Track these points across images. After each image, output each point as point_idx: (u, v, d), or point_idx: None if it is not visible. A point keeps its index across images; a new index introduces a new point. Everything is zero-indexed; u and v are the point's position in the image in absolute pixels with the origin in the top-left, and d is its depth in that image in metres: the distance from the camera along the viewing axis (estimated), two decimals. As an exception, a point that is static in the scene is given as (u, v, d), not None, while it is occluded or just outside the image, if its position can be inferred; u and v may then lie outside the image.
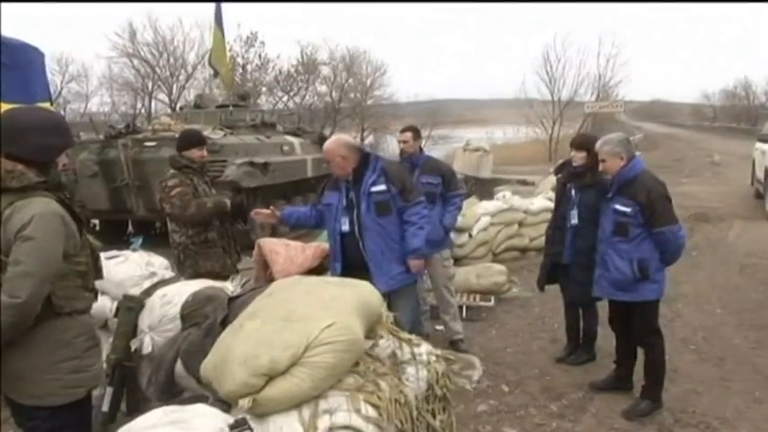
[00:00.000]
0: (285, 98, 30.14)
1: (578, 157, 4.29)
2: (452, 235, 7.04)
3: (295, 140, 10.83)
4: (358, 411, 1.69)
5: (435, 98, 45.71)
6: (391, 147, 36.60)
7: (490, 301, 5.86)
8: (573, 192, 4.28)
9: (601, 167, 3.83)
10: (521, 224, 8.08)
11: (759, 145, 12.11)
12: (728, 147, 25.21)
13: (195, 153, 4.16)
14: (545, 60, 30.49)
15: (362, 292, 2.07)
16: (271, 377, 1.69)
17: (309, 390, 1.71)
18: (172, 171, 4.09)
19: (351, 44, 47.05)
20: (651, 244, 3.61)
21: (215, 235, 4.19)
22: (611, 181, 3.76)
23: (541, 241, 8.16)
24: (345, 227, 3.92)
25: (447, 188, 4.77)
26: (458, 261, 7.13)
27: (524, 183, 13.81)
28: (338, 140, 3.96)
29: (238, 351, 1.75)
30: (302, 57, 29.97)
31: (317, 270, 5.16)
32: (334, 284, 2.18)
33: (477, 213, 7.60)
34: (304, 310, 1.87)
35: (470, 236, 7.38)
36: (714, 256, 8.00)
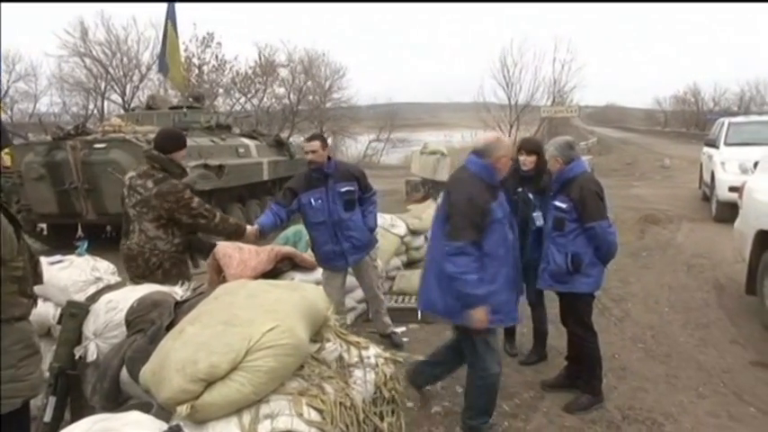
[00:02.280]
0: (243, 100, 29.78)
1: (528, 161, 4.37)
2: (408, 238, 7.13)
3: (251, 143, 10.71)
4: (300, 415, 1.67)
5: (394, 101, 45.81)
6: (350, 150, 36.71)
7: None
8: (530, 195, 4.35)
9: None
10: (476, 226, 8.15)
11: (706, 149, 12.53)
12: (679, 151, 26.01)
13: (180, 155, 4.01)
14: (502, 65, 30.87)
15: (308, 296, 2.05)
16: (210, 382, 1.66)
17: (250, 394, 1.68)
18: (175, 181, 3.85)
19: (309, 46, 46.81)
20: (585, 239, 3.75)
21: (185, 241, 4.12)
22: (554, 181, 3.95)
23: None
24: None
25: (363, 190, 4.82)
26: (414, 263, 7.18)
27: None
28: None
29: (177, 357, 1.71)
30: (260, 58, 29.69)
31: (272, 273, 5.13)
32: (280, 288, 2.15)
33: (432, 216, 7.64)
34: (247, 313, 1.84)
35: (426, 238, 7.41)
36: (663, 256, 8.21)
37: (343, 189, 4.65)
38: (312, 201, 4.57)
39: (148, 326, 2.72)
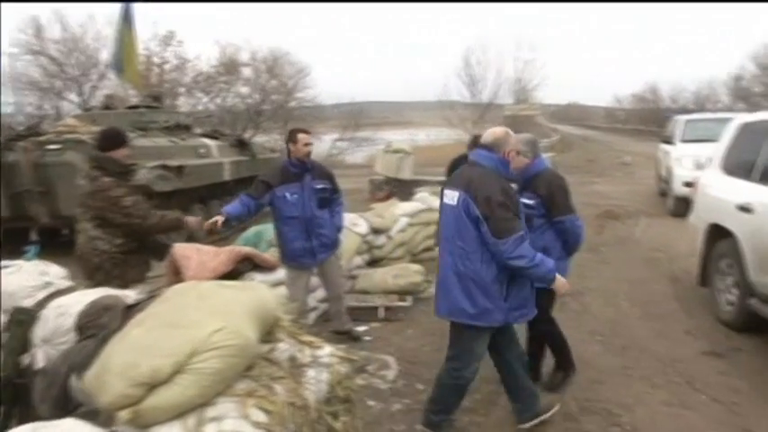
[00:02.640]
0: (205, 99, 29.37)
1: None
2: (370, 237, 7.13)
3: (212, 143, 10.57)
4: (247, 417, 1.65)
5: (358, 100, 45.67)
6: (315, 149, 36.39)
7: (407, 300, 5.90)
8: None
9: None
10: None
11: (662, 146, 12.83)
12: (638, 148, 26.54)
13: (119, 153, 3.95)
14: (466, 63, 31.15)
15: (259, 296, 2.03)
16: (153, 386, 1.63)
17: (194, 397, 1.66)
18: (107, 179, 3.79)
19: (273, 45, 46.45)
20: (553, 234, 3.81)
21: (138, 243, 4.04)
22: (518, 178, 3.90)
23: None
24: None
25: (333, 191, 4.95)
26: (377, 262, 7.18)
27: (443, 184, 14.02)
28: None
29: (118, 360, 1.67)
30: (222, 57, 29.32)
31: (232, 274, 5.07)
32: (231, 289, 2.12)
33: (395, 214, 7.66)
34: (194, 315, 1.81)
35: (389, 237, 7.42)
36: (621, 251, 8.38)
37: (320, 186, 4.74)
38: (287, 195, 4.60)
39: (99, 331, 2.66)
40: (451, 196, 3.21)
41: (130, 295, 3.14)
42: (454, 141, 32.65)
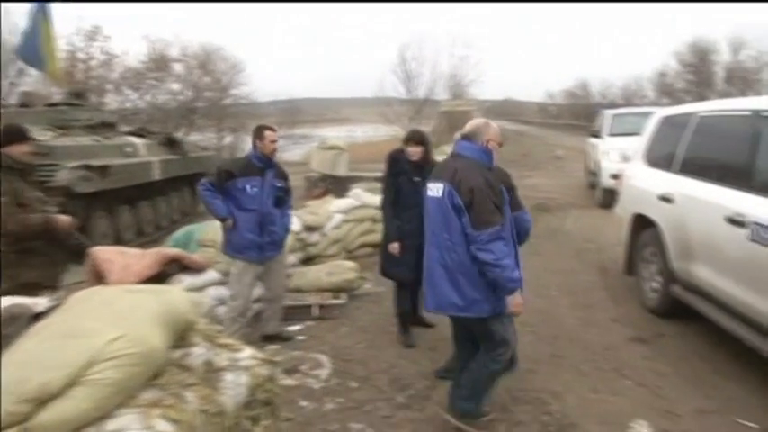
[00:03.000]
0: (134, 97, 28.37)
1: (417, 152, 4.63)
2: (304, 234, 7.03)
3: (139, 141, 10.17)
4: (151, 428, 1.55)
5: (295, 97, 45.14)
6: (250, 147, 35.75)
7: (341, 298, 5.84)
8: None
9: None
10: (373, 220, 8.16)
11: (590, 140, 13.21)
12: (570, 142, 27.24)
13: (16, 150, 3.72)
14: (401, 59, 31.25)
15: (169, 299, 1.92)
16: (44, 401, 1.51)
17: (90, 410, 1.54)
18: None
19: (204, 40, 45.30)
20: None
21: (39, 243, 3.81)
22: None
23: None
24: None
25: (287, 192, 5.02)
26: (311, 260, 7.09)
27: (380, 179, 14.00)
28: None
29: (7, 376, 1.54)
30: (152, 53, 28.39)
31: (158, 278, 4.88)
32: (139, 293, 2.01)
33: (329, 211, 7.59)
34: (93, 323, 1.69)
35: (323, 234, 7.34)
36: (552, 243, 8.56)
37: (279, 185, 4.83)
38: (248, 187, 4.64)
39: (5, 341, 2.49)
40: (436, 188, 3.20)
41: (41, 303, 2.96)
42: (391, 137, 32.75)
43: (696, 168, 4.66)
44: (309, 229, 7.14)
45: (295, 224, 6.79)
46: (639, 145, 5.85)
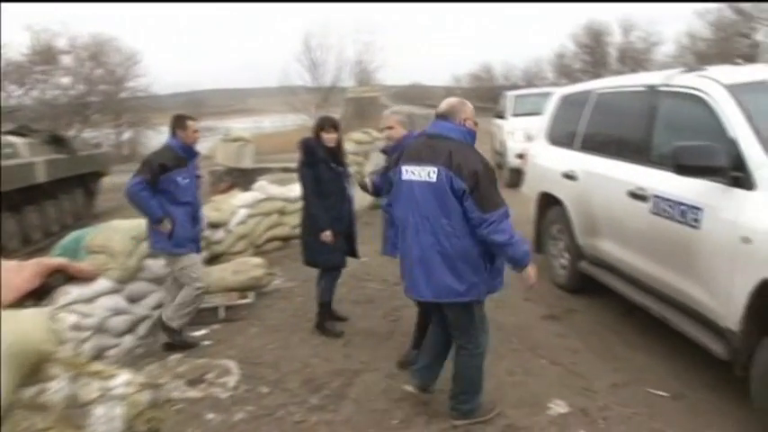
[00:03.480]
0: (19, 93, 26.38)
1: (333, 138, 4.68)
2: (207, 232, 6.65)
3: (19, 141, 9.30)
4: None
5: (198, 89, 43.66)
6: (152, 142, 34.24)
7: (249, 297, 5.55)
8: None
9: (386, 134, 4.12)
10: (281, 213, 7.89)
11: (495, 121, 13.41)
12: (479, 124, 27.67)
13: None
14: (306, 47, 30.71)
15: (15, 329, 1.62)
16: None
17: None
18: None
19: (95, 30, 42.99)
20: None
21: None
22: (395, 147, 3.94)
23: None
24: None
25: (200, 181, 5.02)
26: (216, 258, 6.74)
27: (287, 170, 13.64)
28: None
29: None
30: (36, 44, 26.44)
31: (41, 291, 4.43)
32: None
33: (233, 206, 7.24)
34: None
35: (228, 230, 6.99)
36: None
37: (198, 174, 4.80)
38: (180, 179, 4.53)
39: None
40: (426, 172, 3.08)
41: None
42: (299, 127, 32.22)
43: (597, 145, 4.70)
44: (213, 225, 6.77)
45: (196, 222, 6.45)
46: (542, 124, 5.87)
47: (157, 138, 34.61)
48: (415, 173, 3.13)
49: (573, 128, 5.08)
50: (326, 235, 4.58)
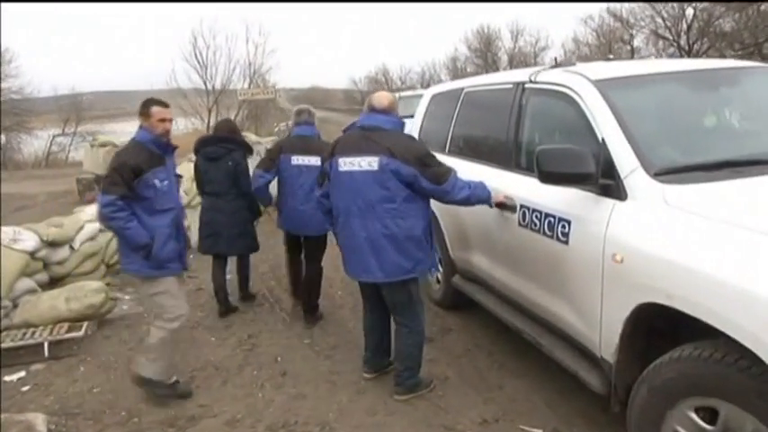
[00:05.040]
0: None
1: None
2: (44, 252, 5.76)
3: None
4: None
5: (82, 90, 40.67)
6: (28, 147, 31.59)
7: (81, 330, 4.70)
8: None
9: None
10: (141, 226, 7.05)
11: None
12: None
13: None
14: (194, 47, 29.24)
15: None
16: None
17: None
18: None
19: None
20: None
21: None
22: None
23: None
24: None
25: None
26: (59, 281, 5.85)
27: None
28: None
29: None
30: None
31: None
32: None
33: (80, 221, 6.34)
34: None
35: (72, 248, 6.10)
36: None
37: (177, 171, 3.89)
38: (157, 182, 3.52)
39: None
40: (368, 162, 3.28)
41: None
42: (192, 130, 30.72)
43: (465, 149, 4.29)
44: (52, 244, 5.87)
45: (28, 241, 5.54)
46: (413, 126, 5.36)
47: (32, 142, 32.05)
48: (355, 163, 3.32)
49: (443, 130, 4.62)
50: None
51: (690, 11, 26.61)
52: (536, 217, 3.12)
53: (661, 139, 2.82)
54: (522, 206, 3.27)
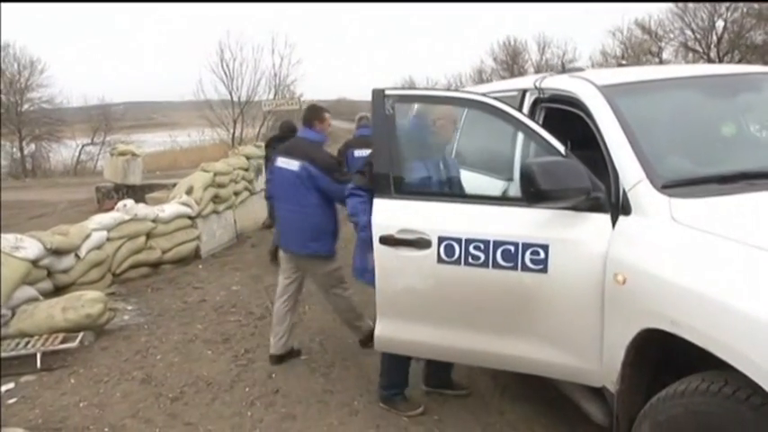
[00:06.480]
0: None
1: None
2: (48, 260, 5.70)
3: None
4: None
5: (112, 101, 41.34)
6: (57, 156, 32.14)
7: (75, 340, 4.59)
8: None
9: None
10: (149, 235, 6.98)
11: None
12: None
13: None
14: (221, 59, 29.49)
15: None
16: None
17: None
18: None
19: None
20: None
21: None
22: None
23: (178, 252, 7.28)
24: None
25: None
26: (64, 290, 5.77)
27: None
28: None
29: None
30: None
31: None
32: None
33: (87, 229, 6.28)
34: None
35: (78, 257, 6.03)
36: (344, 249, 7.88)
37: None
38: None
39: None
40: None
41: None
42: (220, 141, 30.91)
43: (471, 159, 4.08)
44: (57, 252, 5.81)
45: (30, 249, 5.48)
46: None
47: (62, 151, 32.59)
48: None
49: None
50: None
51: (720, 23, 26.06)
52: (475, 248, 2.64)
53: (671, 148, 2.60)
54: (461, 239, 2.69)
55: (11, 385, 4.17)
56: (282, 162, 4.09)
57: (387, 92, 2.99)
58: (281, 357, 4.25)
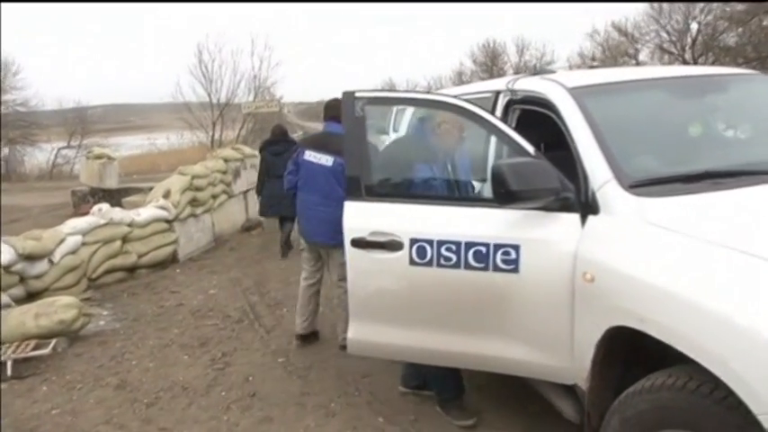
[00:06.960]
0: None
1: None
2: (20, 266, 5.63)
3: None
4: None
5: (88, 104, 40.86)
6: (32, 159, 31.65)
7: (47, 347, 4.53)
8: None
9: None
10: (125, 239, 6.91)
11: (381, 137, 12.85)
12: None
13: None
14: (199, 60, 29.26)
15: None
16: None
17: None
18: None
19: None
20: None
21: None
22: None
23: (155, 256, 7.23)
24: None
25: None
26: (37, 296, 5.70)
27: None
28: None
29: None
30: None
31: None
32: None
33: (61, 234, 6.21)
34: None
35: (51, 262, 5.96)
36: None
37: None
38: None
39: None
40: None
41: None
42: (199, 144, 30.64)
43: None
44: (29, 258, 5.74)
45: (3, 254, 5.41)
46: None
47: (36, 155, 32.12)
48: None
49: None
50: None
51: (694, 25, 26.47)
52: (447, 250, 2.64)
53: (639, 148, 2.63)
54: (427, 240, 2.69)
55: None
56: (312, 156, 4.19)
57: (357, 94, 2.98)
58: (306, 336, 4.51)
